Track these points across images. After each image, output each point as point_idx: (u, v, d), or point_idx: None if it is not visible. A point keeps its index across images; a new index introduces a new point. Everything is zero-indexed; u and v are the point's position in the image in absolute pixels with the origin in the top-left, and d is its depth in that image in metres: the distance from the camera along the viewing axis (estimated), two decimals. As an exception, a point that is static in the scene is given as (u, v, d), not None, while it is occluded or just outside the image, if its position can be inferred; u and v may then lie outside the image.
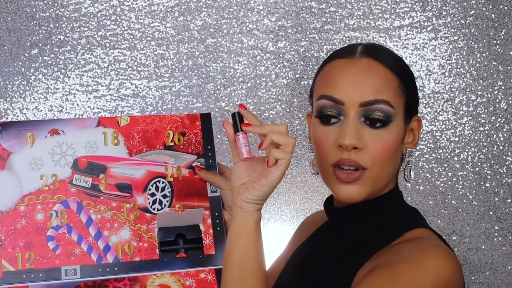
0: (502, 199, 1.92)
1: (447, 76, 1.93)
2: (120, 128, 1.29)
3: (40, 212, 1.23)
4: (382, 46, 1.18)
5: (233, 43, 1.91)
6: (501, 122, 1.92)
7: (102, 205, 1.25)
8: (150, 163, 1.28)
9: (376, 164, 1.09)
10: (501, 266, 1.92)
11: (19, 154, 1.25)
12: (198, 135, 1.32)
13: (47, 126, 1.28)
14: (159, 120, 1.31)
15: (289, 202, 1.95)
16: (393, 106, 1.09)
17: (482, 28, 1.92)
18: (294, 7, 1.92)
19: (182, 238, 1.25)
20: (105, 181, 1.26)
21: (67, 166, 1.26)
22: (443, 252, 1.00)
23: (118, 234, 1.24)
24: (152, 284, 1.21)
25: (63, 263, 1.20)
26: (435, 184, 1.92)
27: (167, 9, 1.90)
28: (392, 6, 1.92)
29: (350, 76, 1.10)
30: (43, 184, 1.24)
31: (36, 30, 1.87)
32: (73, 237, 1.23)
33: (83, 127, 1.29)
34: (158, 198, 1.27)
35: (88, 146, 1.28)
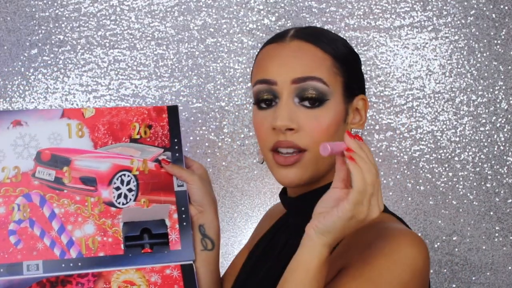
0: (502, 199, 1.92)
1: (448, 76, 1.93)
2: (85, 120, 1.26)
3: (1, 206, 1.19)
4: (320, 28, 1.17)
5: (233, 43, 1.91)
6: (502, 122, 1.92)
7: (65, 198, 1.22)
8: (115, 156, 1.25)
9: (315, 145, 1.05)
10: (501, 266, 1.92)
11: None
12: (164, 128, 1.29)
13: (10, 117, 1.23)
14: (125, 112, 1.27)
15: (289, 202, 1.95)
16: (327, 84, 1.07)
17: (482, 28, 1.92)
18: (294, 7, 1.91)
19: (147, 233, 1.22)
20: (69, 174, 1.23)
21: (30, 158, 1.22)
22: (413, 239, 0.99)
23: (82, 229, 1.21)
24: (117, 280, 1.18)
25: (25, 258, 1.17)
26: (436, 184, 1.92)
27: (167, 9, 1.90)
28: (392, 6, 1.91)
29: (280, 57, 1.09)
30: (5, 176, 1.21)
31: (36, 30, 1.87)
32: (36, 231, 1.19)
33: (47, 118, 1.24)
34: (123, 192, 1.24)
35: (52, 138, 1.24)
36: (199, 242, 1.24)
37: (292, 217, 1.15)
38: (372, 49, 1.92)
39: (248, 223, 1.94)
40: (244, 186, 1.91)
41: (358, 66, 1.15)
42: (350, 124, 1.11)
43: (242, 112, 1.91)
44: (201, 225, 1.24)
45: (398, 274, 0.97)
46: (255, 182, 1.94)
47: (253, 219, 1.94)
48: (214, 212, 1.25)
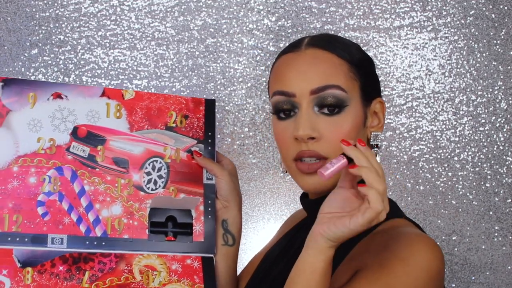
0: (502, 199, 1.93)
1: (447, 76, 1.94)
2: (124, 102, 1.26)
3: (33, 176, 1.19)
4: (333, 35, 1.18)
5: (233, 43, 1.92)
6: (501, 122, 1.93)
7: (97, 177, 1.22)
8: (150, 141, 1.26)
9: (337, 151, 1.07)
10: (501, 266, 1.93)
11: (19, 113, 1.21)
12: (200, 120, 1.30)
13: (51, 89, 1.23)
14: (164, 99, 1.28)
15: (289, 202, 1.96)
16: (345, 90, 1.09)
17: (482, 28, 1.93)
18: (294, 7, 1.93)
19: (172, 221, 1.24)
20: (102, 153, 1.23)
21: (66, 133, 1.22)
22: (428, 243, 1.01)
23: (109, 209, 1.21)
24: (138, 264, 1.19)
25: (50, 231, 1.17)
26: (435, 184, 1.93)
27: (167, 9, 1.91)
28: (392, 6, 1.92)
29: (297, 67, 1.11)
30: (40, 147, 1.20)
31: (36, 30, 1.88)
32: (64, 205, 1.19)
33: (87, 95, 1.24)
34: (153, 177, 1.25)
35: (90, 115, 1.24)
36: (221, 237, 1.26)
37: (312, 219, 1.17)
38: (372, 49, 1.93)
39: (248, 222, 1.95)
40: (244, 186, 1.92)
41: (373, 69, 1.16)
42: (369, 127, 1.13)
43: (242, 112, 1.92)
44: (224, 220, 1.26)
45: (415, 278, 0.98)
46: (255, 182, 1.95)
47: (253, 219, 1.96)
48: (239, 208, 1.27)
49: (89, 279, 1.16)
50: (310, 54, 1.11)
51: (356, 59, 1.12)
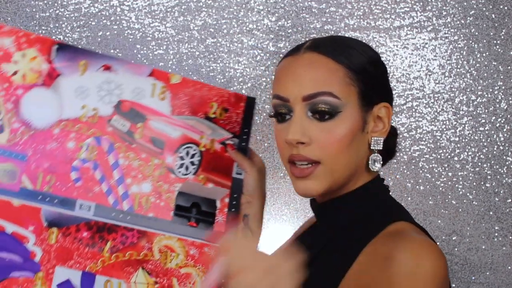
0: (502, 199, 1.93)
1: (447, 76, 1.94)
2: (169, 85, 1.29)
3: (72, 141, 1.22)
4: (338, 37, 1.16)
5: (233, 43, 1.92)
6: (501, 122, 1.93)
7: (132, 152, 1.25)
8: (188, 127, 1.28)
9: (328, 157, 1.09)
10: (501, 266, 1.93)
11: (68, 78, 1.23)
12: (239, 115, 1.32)
13: (103, 60, 1.25)
14: (208, 90, 1.31)
15: (289, 202, 1.96)
16: (337, 97, 1.09)
17: (482, 28, 1.93)
18: (294, 7, 1.93)
19: (196, 208, 1.27)
20: (141, 130, 1.26)
21: (110, 105, 1.24)
22: (433, 251, 1.02)
23: (139, 185, 1.25)
24: (159, 243, 1.23)
25: (80, 197, 1.21)
26: (435, 184, 1.93)
27: (167, 9, 1.91)
28: (392, 6, 1.93)
29: (292, 72, 1.12)
30: (83, 114, 1.23)
31: (36, 30, 1.89)
32: (97, 175, 1.23)
33: (135, 72, 1.27)
34: (186, 163, 1.28)
35: (135, 92, 1.26)
36: (240, 230, 1.29)
37: (319, 221, 1.18)
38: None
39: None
40: (244, 186, 1.93)
41: (378, 73, 1.15)
42: (371, 132, 1.13)
43: (242, 112, 1.92)
44: (246, 215, 1.29)
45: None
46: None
47: (253, 219, 1.96)
48: (261, 206, 1.30)
49: (110, 250, 1.20)
50: (306, 58, 1.11)
51: (356, 64, 1.11)
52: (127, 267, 1.20)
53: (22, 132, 1.19)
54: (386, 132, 1.13)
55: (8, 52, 1.19)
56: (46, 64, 1.21)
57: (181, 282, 1.23)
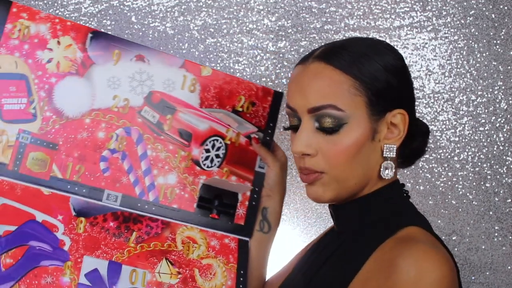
0: (502, 199, 1.93)
1: (447, 76, 1.94)
2: (200, 77, 1.29)
3: (102, 131, 1.23)
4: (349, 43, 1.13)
5: (233, 43, 1.93)
6: (501, 122, 1.94)
7: (160, 144, 1.26)
8: (215, 120, 1.30)
9: (334, 167, 1.10)
10: (501, 266, 1.93)
11: (101, 67, 1.23)
12: (265, 110, 1.34)
13: (135, 50, 1.26)
14: (237, 83, 1.32)
15: (289, 202, 1.96)
16: (341, 109, 1.08)
17: (482, 28, 1.93)
18: (294, 7, 1.93)
19: (218, 200, 1.29)
20: (170, 122, 1.26)
21: (141, 95, 1.25)
22: (438, 259, 1.01)
23: (165, 177, 1.26)
24: (181, 234, 1.25)
25: (107, 187, 1.22)
26: (435, 184, 1.93)
27: (167, 9, 1.92)
28: (392, 6, 1.93)
29: (299, 83, 1.13)
30: (114, 104, 1.24)
31: (36, 30, 1.89)
32: (125, 165, 1.24)
33: (167, 63, 1.27)
34: (211, 155, 1.29)
35: (166, 83, 1.27)
36: (258, 223, 1.31)
37: (335, 223, 1.21)
38: (372, 49, 1.94)
39: (248, 222, 1.95)
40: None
41: (394, 80, 1.10)
42: (384, 139, 1.11)
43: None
44: (265, 208, 1.31)
45: None
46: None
47: (253, 219, 1.96)
48: (281, 200, 1.32)
49: (135, 240, 1.22)
50: (312, 69, 1.11)
51: (365, 72, 1.09)
52: (152, 257, 1.21)
53: (54, 121, 1.20)
54: (401, 139, 1.11)
55: (44, 39, 1.19)
56: (80, 53, 1.21)
57: (203, 273, 1.25)
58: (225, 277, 1.26)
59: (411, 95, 1.15)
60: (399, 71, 1.12)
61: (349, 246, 1.13)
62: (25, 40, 1.19)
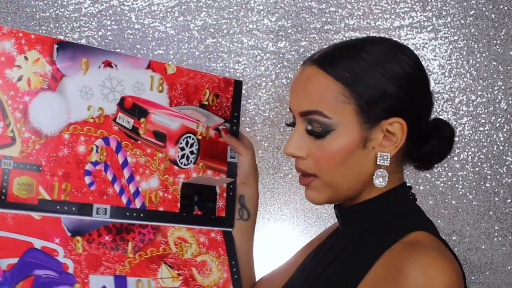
0: (502, 199, 1.93)
1: (447, 76, 1.94)
2: (166, 76, 1.29)
3: (82, 144, 1.20)
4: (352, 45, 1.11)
5: (233, 43, 1.93)
6: (501, 122, 1.94)
7: (138, 149, 1.25)
8: (185, 117, 1.30)
9: (323, 172, 1.10)
10: (501, 266, 1.93)
11: (72, 78, 1.19)
12: (229, 100, 1.34)
13: (102, 56, 1.23)
14: (200, 77, 1.32)
15: (289, 202, 1.96)
16: (328, 116, 1.07)
17: (482, 28, 1.94)
18: (294, 7, 1.93)
19: (197, 195, 1.30)
20: (144, 125, 1.25)
21: (114, 102, 1.23)
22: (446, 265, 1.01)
23: (148, 181, 1.25)
24: (172, 236, 1.26)
25: (95, 201, 1.20)
26: (435, 184, 1.94)
27: (167, 9, 1.92)
28: (392, 6, 1.93)
29: (295, 86, 1.14)
30: (89, 115, 1.21)
31: (36, 30, 1.89)
32: (108, 176, 1.22)
33: (134, 66, 1.26)
34: (186, 153, 1.30)
35: (136, 87, 1.26)
36: (237, 212, 1.33)
37: (341, 225, 1.21)
38: (372, 49, 1.94)
39: (248, 222, 1.95)
40: (244, 186, 1.93)
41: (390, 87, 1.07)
42: (379, 147, 1.09)
43: (242, 112, 1.93)
44: (242, 196, 1.33)
45: None
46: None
47: (253, 219, 1.96)
48: (256, 185, 1.34)
49: (133, 249, 1.21)
50: (307, 73, 1.11)
51: (357, 80, 1.07)
52: (151, 264, 1.21)
53: (33, 141, 1.16)
54: (397, 148, 1.08)
55: (11, 56, 1.15)
56: (49, 66, 1.18)
57: (200, 270, 1.25)
58: (220, 270, 1.27)
59: (417, 102, 1.10)
60: (401, 78, 1.08)
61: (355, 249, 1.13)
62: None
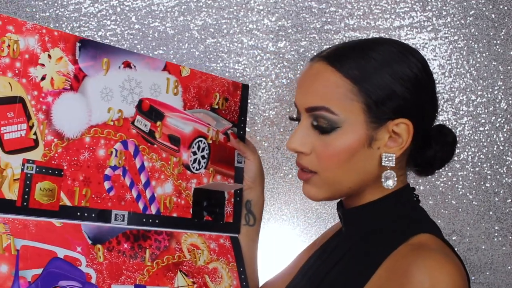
0: (502, 199, 1.93)
1: (447, 76, 1.94)
2: (181, 78, 1.27)
3: (102, 148, 1.16)
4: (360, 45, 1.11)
5: (233, 43, 1.93)
6: (501, 122, 1.94)
7: (154, 153, 1.22)
8: (197, 120, 1.28)
9: (325, 169, 1.09)
10: (501, 266, 1.93)
11: (94, 79, 1.15)
12: (237, 104, 1.33)
13: (122, 56, 1.19)
14: (212, 80, 1.30)
15: (289, 202, 1.96)
16: (335, 113, 1.06)
17: (482, 28, 1.94)
18: (294, 7, 1.93)
19: (207, 201, 1.29)
20: (160, 129, 1.22)
21: (132, 105, 1.20)
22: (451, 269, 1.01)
23: (163, 187, 1.23)
24: (185, 242, 1.24)
25: (114, 207, 1.17)
26: (435, 184, 1.94)
27: (167, 9, 1.92)
28: (392, 6, 1.93)
29: (302, 81, 1.13)
30: (110, 118, 1.17)
31: (36, 30, 1.89)
32: (126, 181, 1.19)
33: (151, 67, 1.22)
34: (198, 157, 1.28)
35: (153, 88, 1.23)
36: (243, 217, 1.33)
37: (344, 226, 1.20)
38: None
39: (248, 223, 1.95)
40: (244, 186, 1.93)
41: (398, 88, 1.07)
42: (384, 147, 1.09)
43: (242, 112, 1.93)
44: (248, 201, 1.33)
45: None
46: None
47: (253, 219, 1.96)
48: (262, 190, 1.34)
49: (150, 257, 1.19)
50: (315, 68, 1.10)
51: (366, 78, 1.07)
52: (168, 272, 1.19)
53: (56, 144, 1.12)
54: (402, 149, 1.08)
55: (34, 53, 1.10)
56: (71, 65, 1.14)
57: (212, 277, 1.24)
58: (230, 277, 1.26)
59: (424, 104, 1.10)
60: (409, 80, 1.08)
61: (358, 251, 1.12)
62: (15, 57, 1.09)
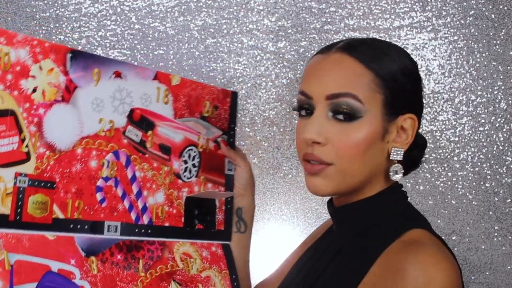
0: (501, 199, 1.94)
1: (447, 76, 1.95)
2: (171, 87, 1.26)
3: (94, 159, 1.16)
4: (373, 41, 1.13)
5: (233, 43, 1.93)
6: (501, 122, 1.94)
7: (146, 163, 1.22)
8: (187, 129, 1.28)
9: (342, 159, 1.08)
10: (500, 266, 1.94)
11: (85, 90, 1.15)
12: (226, 111, 1.33)
13: (113, 66, 1.19)
14: (201, 88, 1.30)
15: (289, 202, 1.97)
16: (361, 101, 1.06)
17: (482, 28, 1.94)
18: (294, 7, 1.93)
19: (198, 209, 1.29)
20: (151, 138, 1.22)
21: (123, 115, 1.20)
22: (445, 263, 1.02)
23: (154, 196, 1.22)
24: (178, 251, 1.24)
25: (107, 218, 1.16)
26: (435, 184, 1.94)
27: (167, 9, 1.92)
28: (392, 6, 1.93)
29: (319, 70, 1.11)
30: (101, 129, 1.17)
31: (36, 30, 1.89)
32: (118, 191, 1.19)
33: (142, 77, 1.22)
34: (189, 166, 1.28)
35: (144, 98, 1.22)
36: (234, 224, 1.32)
37: (335, 225, 1.20)
38: (372, 49, 1.94)
39: (248, 222, 1.96)
40: (244, 186, 1.93)
41: (409, 84, 1.11)
42: (392, 142, 1.10)
43: (242, 112, 1.93)
44: (239, 208, 1.33)
45: None
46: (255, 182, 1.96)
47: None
48: (253, 197, 1.34)
49: (143, 268, 1.18)
50: (335, 58, 1.10)
51: (386, 71, 1.08)
52: (162, 282, 1.19)
53: (48, 157, 1.12)
54: (408, 144, 1.11)
55: (25, 65, 1.09)
56: (63, 76, 1.13)
57: (205, 286, 1.23)
58: (223, 285, 1.26)
59: (421, 103, 1.15)
60: (414, 76, 1.12)
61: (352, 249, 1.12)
62: (7, 69, 1.07)
